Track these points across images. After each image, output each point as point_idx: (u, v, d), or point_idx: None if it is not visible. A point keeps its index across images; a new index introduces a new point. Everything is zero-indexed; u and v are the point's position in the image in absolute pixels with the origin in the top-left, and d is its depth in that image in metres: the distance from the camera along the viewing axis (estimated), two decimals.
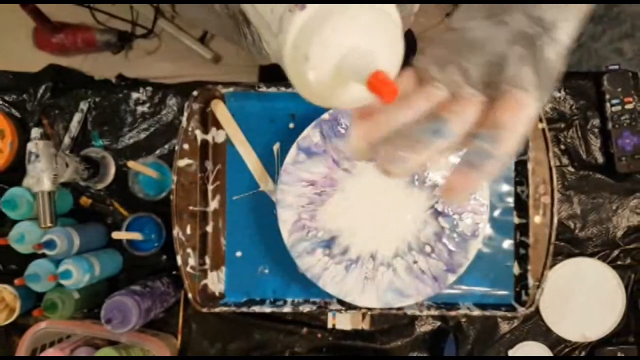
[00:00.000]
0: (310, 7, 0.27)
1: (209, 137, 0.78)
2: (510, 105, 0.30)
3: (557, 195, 0.72)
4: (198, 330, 0.84)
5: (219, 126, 0.79)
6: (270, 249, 0.78)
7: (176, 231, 0.74)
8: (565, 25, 0.31)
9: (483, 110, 0.30)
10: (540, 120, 0.72)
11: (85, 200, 0.85)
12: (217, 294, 0.78)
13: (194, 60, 1.52)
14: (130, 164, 0.78)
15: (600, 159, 0.83)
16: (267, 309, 0.74)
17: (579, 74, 0.85)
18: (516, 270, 0.76)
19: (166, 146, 0.85)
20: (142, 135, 0.85)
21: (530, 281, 0.73)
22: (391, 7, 0.29)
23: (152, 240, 0.81)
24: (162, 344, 0.77)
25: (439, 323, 0.83)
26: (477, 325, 0.83)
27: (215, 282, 0.78)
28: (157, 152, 0.85)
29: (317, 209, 0.72)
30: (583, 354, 0.83)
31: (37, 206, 0.70)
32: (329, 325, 0.82)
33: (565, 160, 0.83)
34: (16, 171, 0.83)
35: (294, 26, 0.27)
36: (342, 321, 0.81)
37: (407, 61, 0.31)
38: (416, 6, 0.75)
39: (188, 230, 0.75)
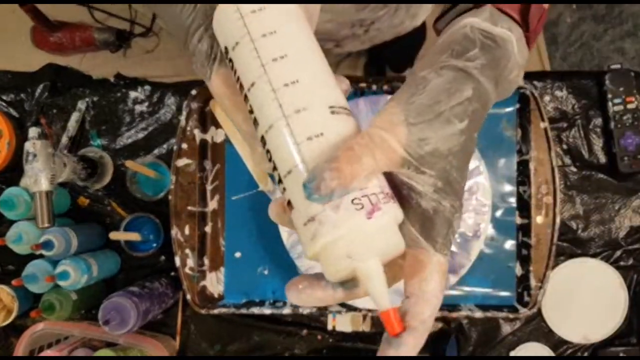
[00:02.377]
0: (378, 219, 0.27)
1: (207, 137, 0.78)
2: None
3: (559, 196, 0.71)
4: (197, 332, 0.83)
5: (218, 125, 0.78)
6: (269, 250, 0.78)
7: (175, 232, 0.73)
8: None
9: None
10: (543, 119, 0.72)
11: (83, 201, 0.84)
12: (216, 295, 0.77)
13: None
14: (129, 163, 0.78)
15: (602, 159, 0.82)
16: (266, 311, 0.74)
17: (581, 74, 0.84)
18: (518, 271, 0.75)
19: (165, 146, 0.84)
20: (141, 135, 0.85)
21: (533, 282, 0.72)
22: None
23: (151, 240, 0.81)
24: (160, 346, 0.77)
25: (440, 324, 0.83)
26: (479, 327, 0.82)
27: (214, 283, 0.78)
28: (156, 151, 0.84)
29: None
30: (585, 355, 0.82)
31: (35, 206, 0.69)
32: (329, 327, 0.81)
33: (567, 160, 0.82)
34: (14, 171, 0.83)
35: (350, 223, 0.27)
36: (343, 323, 0.80)
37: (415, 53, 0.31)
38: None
39: (187, 231, 0.74)
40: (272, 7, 0.30)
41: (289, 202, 0.29)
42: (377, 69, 1.45)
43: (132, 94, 0.84)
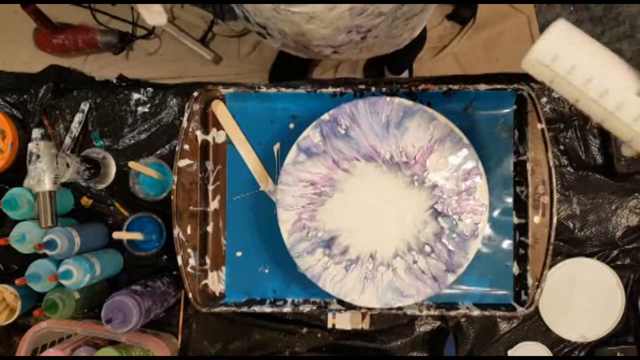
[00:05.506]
0: None
1: (209, 138, 0.78)
2: None
3: (556, 196, 0.72)
4: (198, 330, 0.84)
5: (219, 127, 0.79)
6: (270, 249, 0.78)
7: (177, 231, 0.74)
8: None
9: None
10: (540, 120, 0.73)
11: (86, 201, 0.85)
12: (217, 293, 0.78)
13: (195, 61, 1.53)
14: (131, 164, 0.79)
15: (599, 160, 0.83)
16: (267, 309, 0.74)
17: None
18: (516, 270, 0.76)
19: (167, 146, 0.85)
20: (143, 136, 0.85)
21: (530, 281, 0.73)
22: None
23: (153, 240, 0.82)
24: (162, 344, 0.77)
25: (438, 323, 0.83)
26: (476, 325, 0.83)
27: (216, 282, 0.78)
28: (158, 152, 0.85)
29: (317, 209, 0.72)
30: (582, 353, 0.83)
31: (38, 206, 0.70)
32: (329, 325, 0.82)
33: (564, 161, 0.83)
34: (17, 171, 0.83)
35: None
36: (342, 321, 0.81)
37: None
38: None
39: (188, 231, 0.75)
40: (566, 52, 0.46)
41: None
42: (376, 71, 1.46)
43: (135, 96, 0.85)
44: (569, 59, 0.45)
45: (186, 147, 0.75)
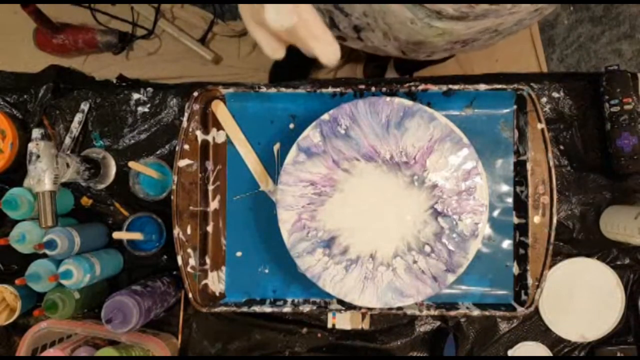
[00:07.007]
0: None
1: (209, 138, 0.78)
2: None
3: (556, 196, 0.72)
4: (198, 330, 0.84)
5: (219, 127, 0.79)
6: (270, 249, 0.78)
7: (177, 231, 0.74)
8: None
9: None
10: (540, 120, 0.73)
11: (86, 201, 0.85)
12: (217, 294, 0.78)
13: (195, 61, 1.53)
14: (131, 164, 0.79)
15: (599, 160, 0.83)
16: (267, 309, 0.74)
17: (578, 75, 0.85)
18: (516, 270, 0.76)
19: (167, 146, 0.85)
20: (143, 136, 0.85)
21: (530, 281, 0.73)
22: None
23: (153, 240, 0.82)
24: (162, 344, 0.77)
25: (438, 323, 0.83)
26: (476, 325, 0.83)
27: (216, 282, 0.78)
28: (158, 152, 0.85)
29: (317, 209, 0.72)
30: (582, 353, 0.83)
31: (38, 206, 0.70)
32: (329, 325, 0.82)
33: (564, 161, 0.83)
34: (17, 171, 0.83)
35: None
36: (342, 321, 0.81)
37: None
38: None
39: (188, 231, 0.75)
40: None
41: None
42: (377, 68, 1.46)
43: (135, 96, 0.85)
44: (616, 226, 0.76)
45: (186, 147, 0.75)
